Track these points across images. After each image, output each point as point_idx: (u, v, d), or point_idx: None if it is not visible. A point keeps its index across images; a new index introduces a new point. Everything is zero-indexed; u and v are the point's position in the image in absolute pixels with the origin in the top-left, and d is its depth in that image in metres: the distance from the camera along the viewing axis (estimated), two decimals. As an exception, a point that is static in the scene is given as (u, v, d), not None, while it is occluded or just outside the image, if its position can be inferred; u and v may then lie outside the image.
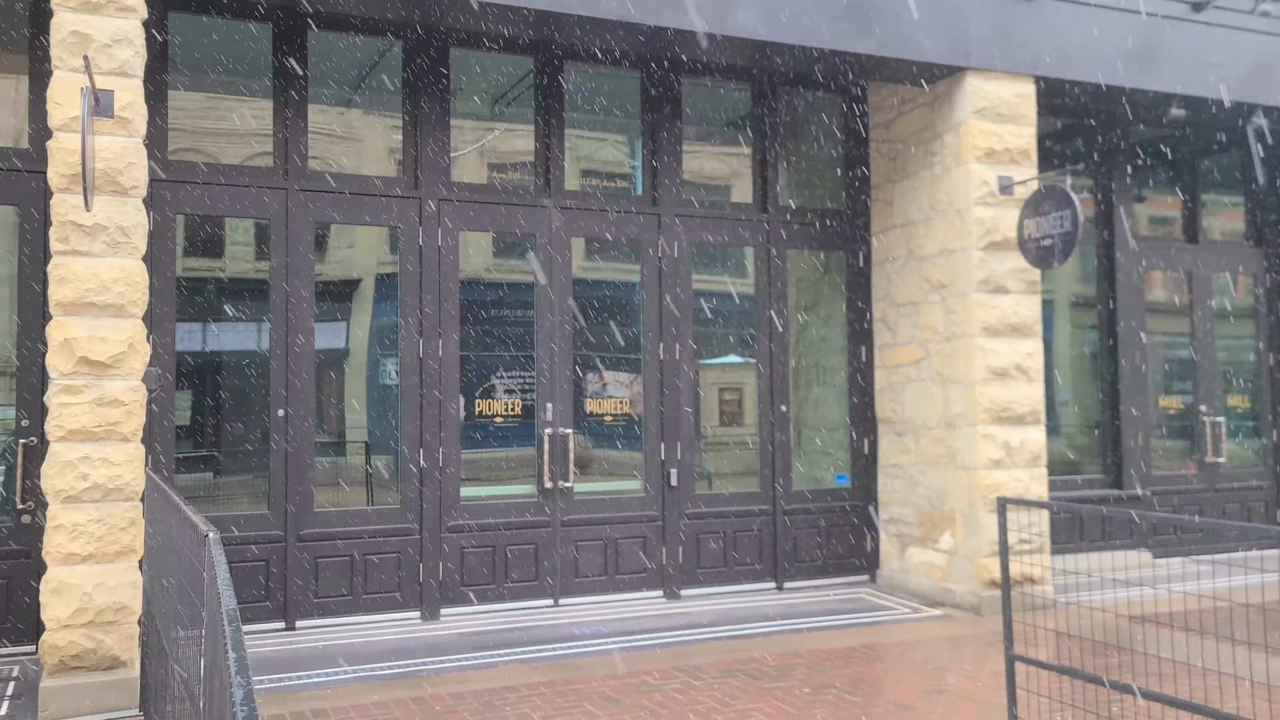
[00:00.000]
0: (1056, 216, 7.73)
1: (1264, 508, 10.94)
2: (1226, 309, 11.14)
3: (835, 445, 9.44)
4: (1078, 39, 8.54)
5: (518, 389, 8.16)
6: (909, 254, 8.84)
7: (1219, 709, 4.16)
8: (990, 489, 8.05)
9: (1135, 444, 10.13)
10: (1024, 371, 8.23)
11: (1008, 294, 8.21)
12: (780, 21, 7.55)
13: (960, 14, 8.12)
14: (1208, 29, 9.02)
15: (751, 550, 8.78)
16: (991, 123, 8.22)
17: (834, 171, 9.51)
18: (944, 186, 8.43)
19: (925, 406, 8.64)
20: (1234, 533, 10.49)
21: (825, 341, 9.56)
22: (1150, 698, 4.43)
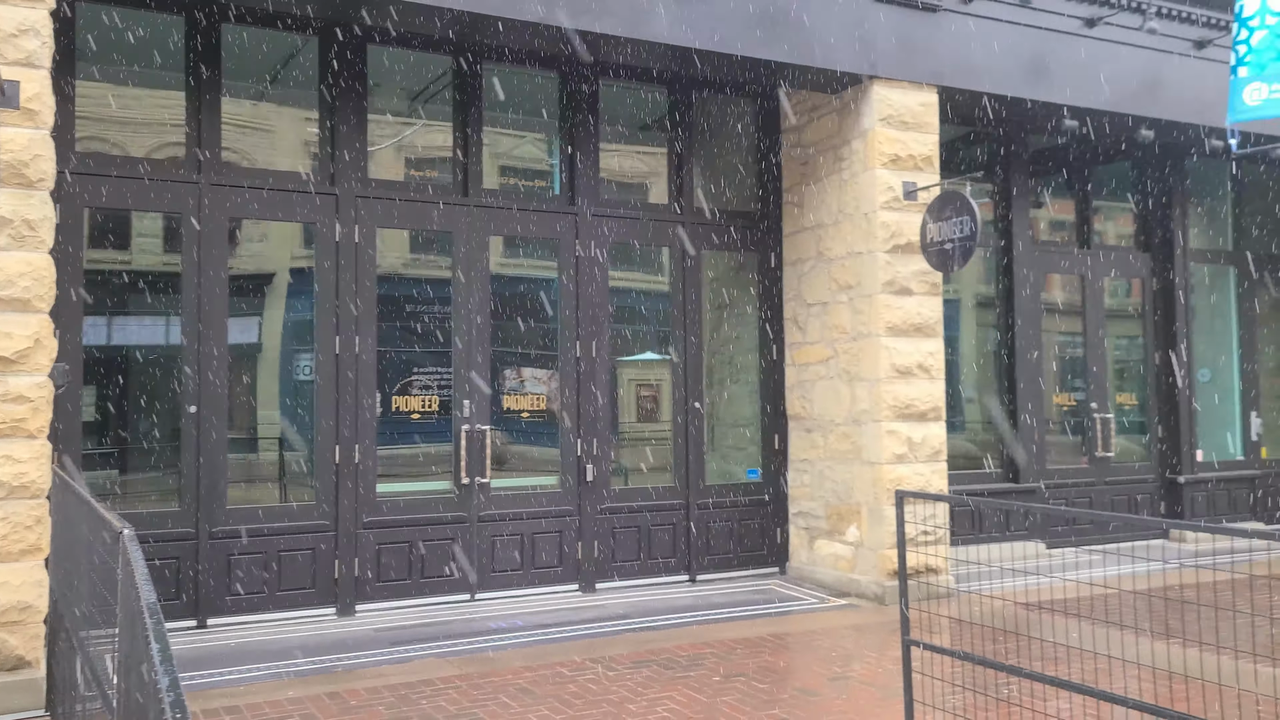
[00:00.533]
0: (957, 221, 8.07)
1: (1149, 500, 11.54)
2: (1116, 311, 11.71)
3: (748, 441, 9.69)
4: (978, 52, 8.90)
5: (435, 385, 8.21)
6: (818, 256, 9.12)
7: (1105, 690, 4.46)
8: (894, 483, 8.37)
9: (1031, 440, 10.59)
10: (926, 370, 8.57)
11: (911, 295, 8.54)
12: (696, 28, 7.73)
13: (867, 26, 8.41)
14: (1099, 44, 9.48)
15: (666, 544, 8.96)
16: (897, 130, 8.54)
17: (748, 175, 9.75)
18: (852, 191, 8.72)
19: (833, 403, 8.93)
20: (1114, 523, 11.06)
21: (739, 340, 9.80)
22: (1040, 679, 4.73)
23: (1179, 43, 9.83)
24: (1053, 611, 8.03)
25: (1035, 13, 9.16)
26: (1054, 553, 10.65)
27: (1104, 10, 9.40)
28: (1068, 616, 8.02)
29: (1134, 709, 4.15)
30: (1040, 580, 9.36)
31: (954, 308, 10.66)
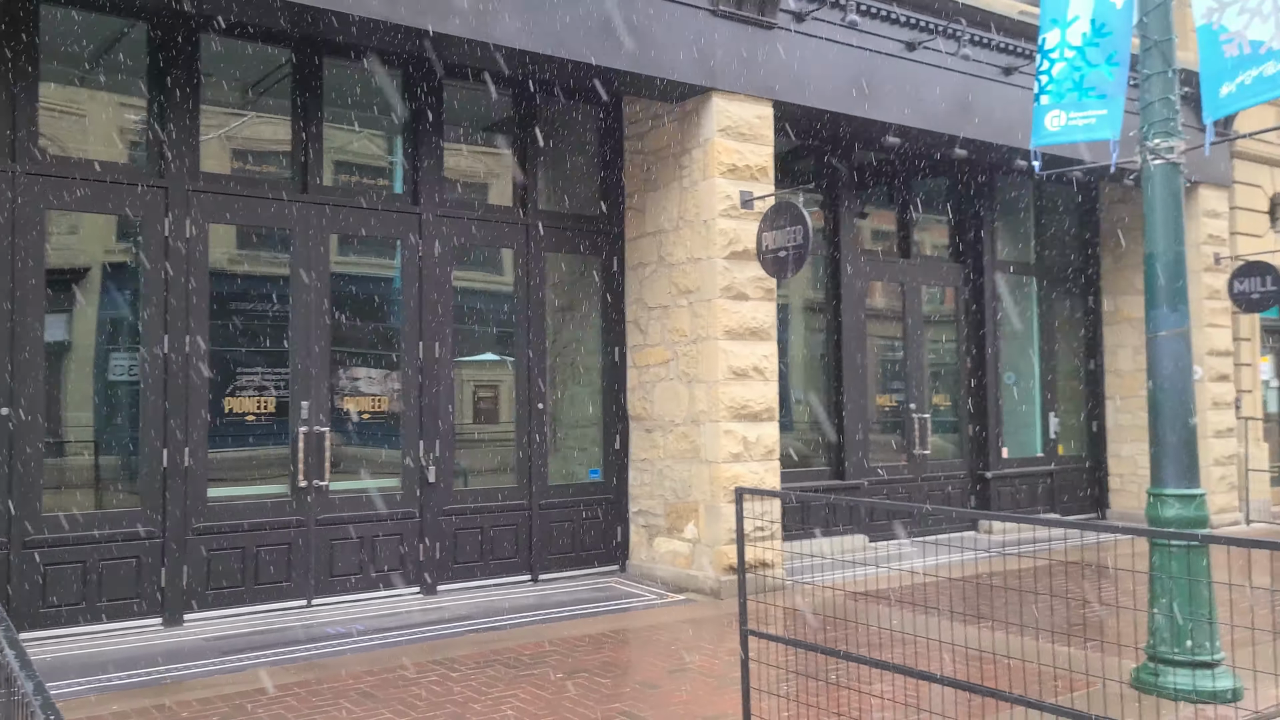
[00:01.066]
0: (790, 230, 8.45)
1: (961, 494, 12.36)
2: (933, 317, 12.49)
3: (590, 441, 9.83)
4: (810, 69, 9.35)
5: (271, 386, 7.98)
6: (660, 260, 9.36)
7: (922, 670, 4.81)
8: (730, 481, 8.69)
9: (856, 439, 11.18)
10: (761, 372, 8.94)
11: (748, 300, 8.89)
12: (540, 34, 7.82)
13: (708, 39, 8.70)
14: (920, 67, 10.11)
15: (508, 544, 9.00)
16: (735, 141, 8.86)
17: (593, 179, 9.90)
18: (692, 198, 9.00)
19: (673, 404, 9.18)
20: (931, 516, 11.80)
21: (582, 342, 9.93)
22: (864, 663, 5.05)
23: (990, 69, 10.59)
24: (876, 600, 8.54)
25: (862, 34, 9.69)
26: (877, 545, 11.27)
27: (923, 35, 10.03)
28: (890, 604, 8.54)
29: (948, 686, 4.50)
30: (865, 571, 9.91)
31: (789, 313, 11.14)
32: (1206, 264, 12.85)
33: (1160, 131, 6.14)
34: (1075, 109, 6.71)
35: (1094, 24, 6.63)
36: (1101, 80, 6.59)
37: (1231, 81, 5.98)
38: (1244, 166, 13.51)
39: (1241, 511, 13.01)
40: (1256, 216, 13.67)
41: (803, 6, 9.26)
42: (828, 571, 9.81)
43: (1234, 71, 5.96)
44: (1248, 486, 13.03)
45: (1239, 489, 13.05)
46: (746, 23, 8.92)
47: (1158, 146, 6.15)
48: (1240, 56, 5.94)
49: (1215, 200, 13.00)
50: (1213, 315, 12.86)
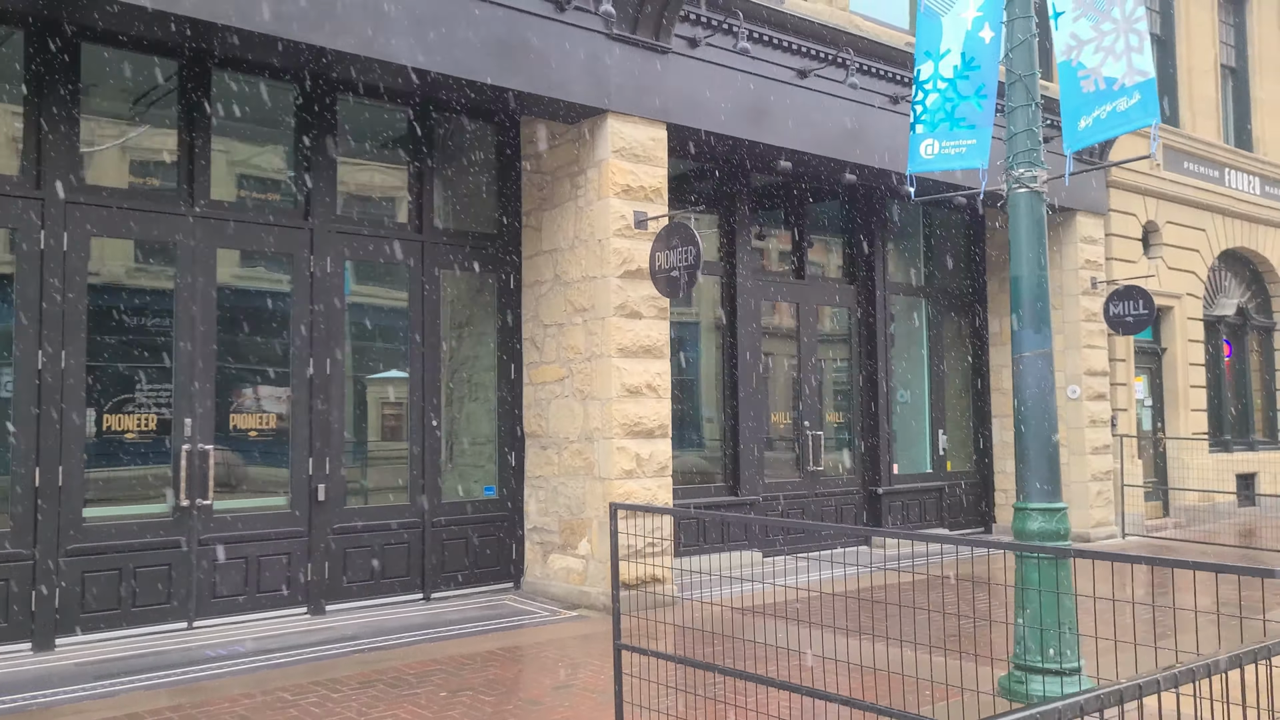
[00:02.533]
0: (683, 250, 8.61)
1: (854, 509, 12.67)
2: (828, 336, 12.81)
3: (487, 459, 9.82)
4: (704, 93, 9.55)
5: (153, 403, 7.79)
6: (556, 278, 9.43)
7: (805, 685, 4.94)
8: (623, 497, 8.77)
9: (751, 455, 11.38)
10: (655, 390, 9.06)
11: (642, 319, 9.01)
12: (436, 52, 7.84)
13: (603, 62, 8.83)
14: (811, 94, 10.42)
15: (400, 563, 8.92)
16: (629, 162, 9.00)
17: (491, 197, 9.92)
18: (587, 218, 9.10)
19: (567, 421, 9.24)
20: (822, 531, 12.06)
21: (479, 359, 9.92)
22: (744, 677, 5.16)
23: (878, 97, 10.96)
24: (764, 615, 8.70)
25: (756, 61, 9.94)
26: (770, 560, 11.47)
27: (814, 64, 10.34)
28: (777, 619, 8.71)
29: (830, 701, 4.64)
30: (756, 586, 10.08)
31: (693, 331, 11.32)
32: (1084, 288, 13.45)
33: (1024, 161, 6.46)
34: (947, 138, 7.01)
35: (964, 58, 6.95)
36: (971, 111, 6.90)
37: (1089, 115, 6.33)
38: (1119, 195, 14.21)
39: (1117, 525, 13.61)
40: (1131, 243, 14.37)
41: (696, 33, 9.47)
42: (720, 587, 9.96)
43: (1090, 106, 6.31)
44: (1123, 501, 13.64)
45: (1115, 504, 13.65)
46: (641, 47, 9.08)
47: (1022, 175, 6.47)
48: (1096, 92, 6.30)
49: (1091, 227, 13.64)
50: (1089, 337, 13.47)
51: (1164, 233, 15.00)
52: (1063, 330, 13.53)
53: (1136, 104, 6.06)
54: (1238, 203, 16.44)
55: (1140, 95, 6.06)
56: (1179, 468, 14.98)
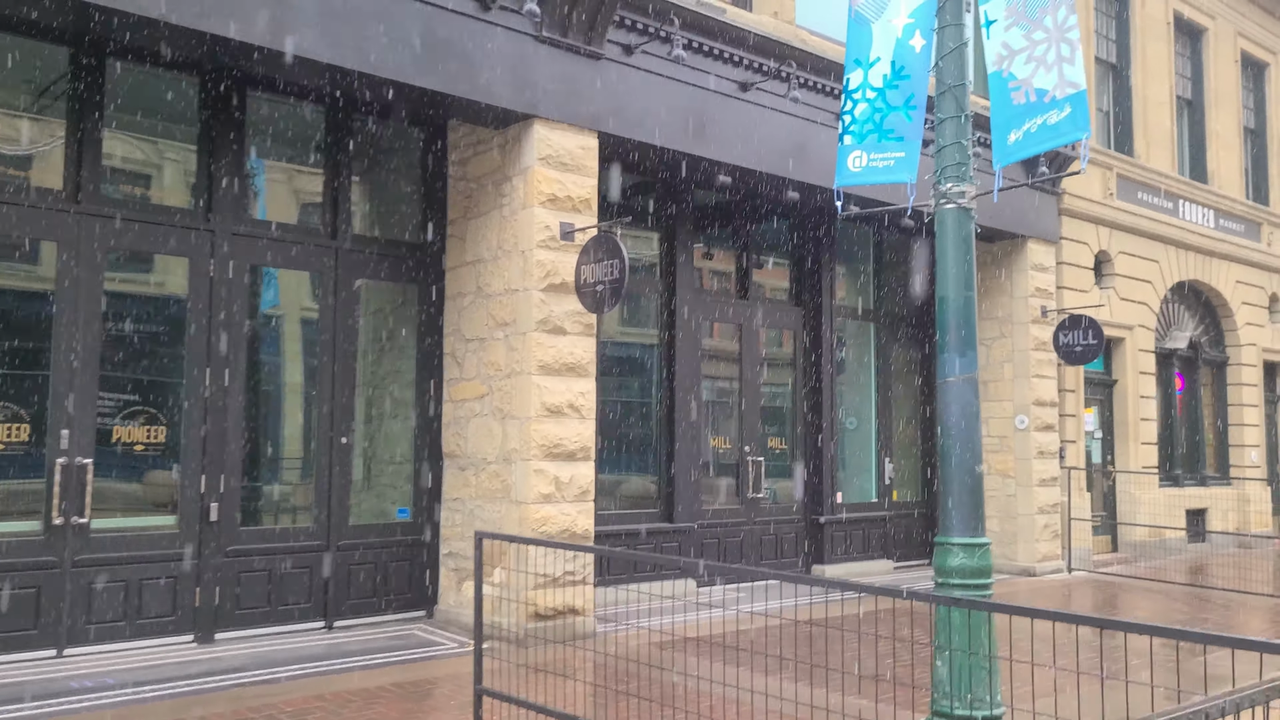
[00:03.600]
0: (607, 264, 8.21)
1: (795, 539, 12.26)
2: (772, 359, 12.44)
3: (404, 479, 9.33)
4: (639, 102, 9.18)
5: (27, 414, 7.25)
6: (478, 291, 8.99)
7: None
8: (539, 523, 8.31)
9: (688, 481, 10.96)
10: (578, 410, 8.62)
11: (565, 335, 8.58)
12: (346, 47, 7.42)
13: (530, 65, 8.44)
14: (754, 108, 10.08)
15: (301, 589, 8.39)
16: (556, 171, 8.60)
17: (414, 204, 9.48)
18: (511, 228, 8.68)
19: (486, 441, 8.77)
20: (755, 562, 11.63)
21: (402, 374, 9.45)
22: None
23: (822, 113, 10.65)
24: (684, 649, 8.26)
25: (695, 72, 9.59)
26: (704, 590, 11.03)
27: (756, 76, 10.01)
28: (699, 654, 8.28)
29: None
30: (685, 618, 9.63)
31: (631, 349, 10.91)
32: (1034, 316, 13.19)
33: (952, 176, 6.11)
34: (876, 150, 6.66)
35: (894, 66, 6.61)
36: (900, 123, 6.56)
37: (1019, 129, 5.99)
38: (1071, 223, 13.99)
39: (1064, 560, 13.29)
40: (1082, 272, 14.15)
41: (632, 40, 9.11)
42: (644, 618, 9.49)
43: (1021, 119, 5.98)
44: (1069, 535, 13.32)
45: (1062, 537, 13.33)
46: (572, 52, 8.70)
47: (949, 190, 6.11)
48: (1027, 104, 5.97)
49: (1043, 254, 13.39)
50: (1039, 366, 13.19)
51: (1116, 263, 14.80)
52: (1012, 359, 13.25)
53: (1067, 117, 5.73)
54: (1191, 235, 16.30)
55: (1071, 108, 5.73)
56: (1129, 502, 14.71)
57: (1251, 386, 17.50)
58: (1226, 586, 12.24)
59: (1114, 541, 14.82)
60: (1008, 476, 13.20)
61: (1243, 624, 9.93)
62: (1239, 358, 17.38)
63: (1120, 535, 14.80)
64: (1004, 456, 13.24)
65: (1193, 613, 10.44)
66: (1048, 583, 12.45)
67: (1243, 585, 12.40)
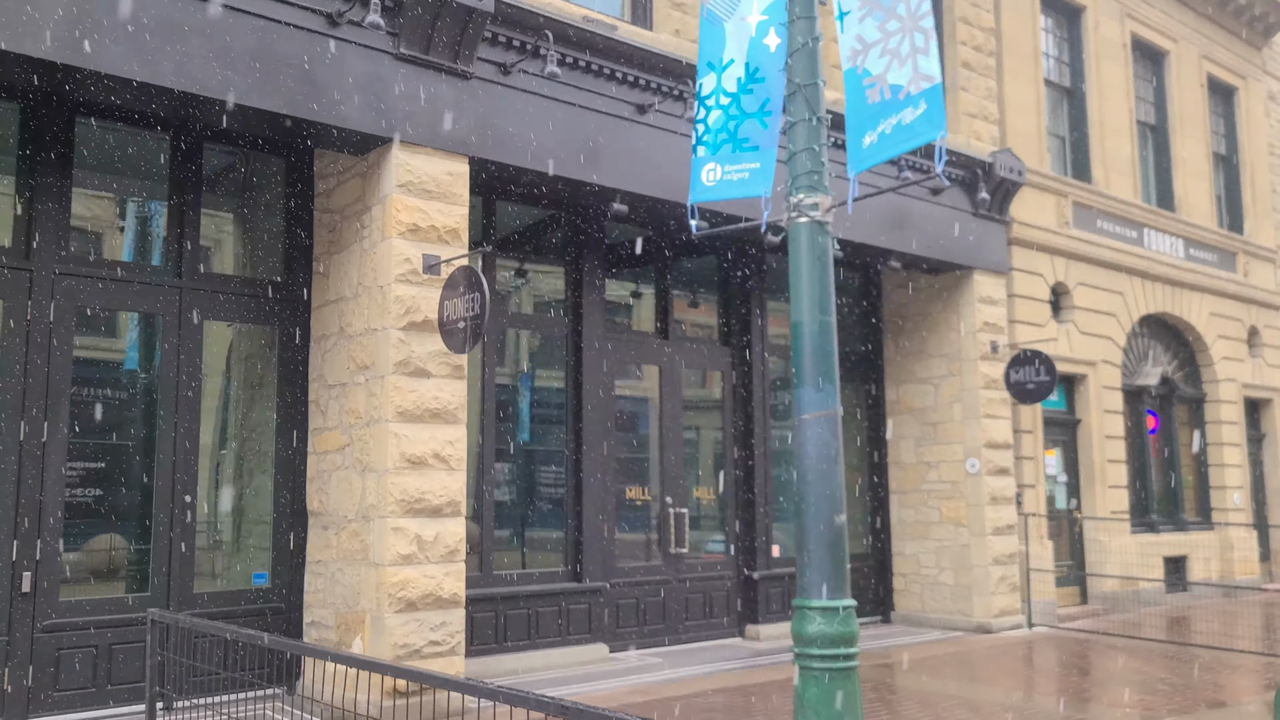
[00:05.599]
0: (468, 299, 7.45)
1: (725, 596, 11.33)
2: (697, 403, 11.62)
3: (266, 539, 8.49)
4: (522, 126, 8.48)
5: None
6: (340, 332, 8.23)
7: None
8: (398, 586, 7.46)
9: (599, 536, 10.09)
10: (444, 460, 7.81)
11: (429, 378, 7.80)
12: (164, 64, 6.73)
13: (386, 85, 7.75)
14: (653, 131, 9.37)
15: (133, 667, 7.53)
16: (418, 198, 7.87)
17: (275, 239, 8.75)
18: (370, 261, 7.94)
19: (346, 497, 7.96)
20: (681, 623, 10.70)
21: (264, 424, 8.66)
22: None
23: (731, 138, 9.91)
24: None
25: (585, 93, 8.91)
26: (618, 656, 10.12)
27: (653, 98, 9.32)
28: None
29: None
30: (588, 687, 8.72)
31: (534, 393, 10.13)
32: (983, 352, 12.36)
33: (805, 185, 5.34)
34: (730, 162, 5.91)
35: (748, 68, 5.89)
36: (755, 131, 5.82)
37: (874, 130, 5.24)
38: (1023, 254, 13.22)
39: (1024, 614, 12.32)
40: (1037, 305, 13.34)
41: (508, 58, 8.44)
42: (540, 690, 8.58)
43: (875, 119, 5.23)
44: (1028, 587, 12.37)
45: (1021, 590, 12.38)
46: (438, 70, 8.02)
47: (801, 203, 5.34)
48: (882, 103, 5.22)
49: (991, 287, 12.60)
50: (990, 406, 12.33)
51: (1075, 295, 13.99)
52: (961, 399, 12.40)
53: (922, 115, 4.98)
54: (1159, 265, 15.50)
55: (927, 104, 4.98)
56: (1097, 550, 13.75)
57: (1232, 424, 16.58)
58: (1208, 643, 11.22)
59: (1083, 593, 13.83)
60: (960, 525, 12.28)
61: (1229, 688, 8.93)
62: (1217, 394, 16.48)
63: (1090, 586, 13.81)
64: (956, 503, 12.34)
65: (1167, 675, 9.47)
66: (1004, 640, 11.48)
67: (1227, 640, 11.39)
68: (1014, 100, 13.45)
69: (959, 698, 8.40)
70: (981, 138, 12.76)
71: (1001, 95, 13.32)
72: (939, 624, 12.34)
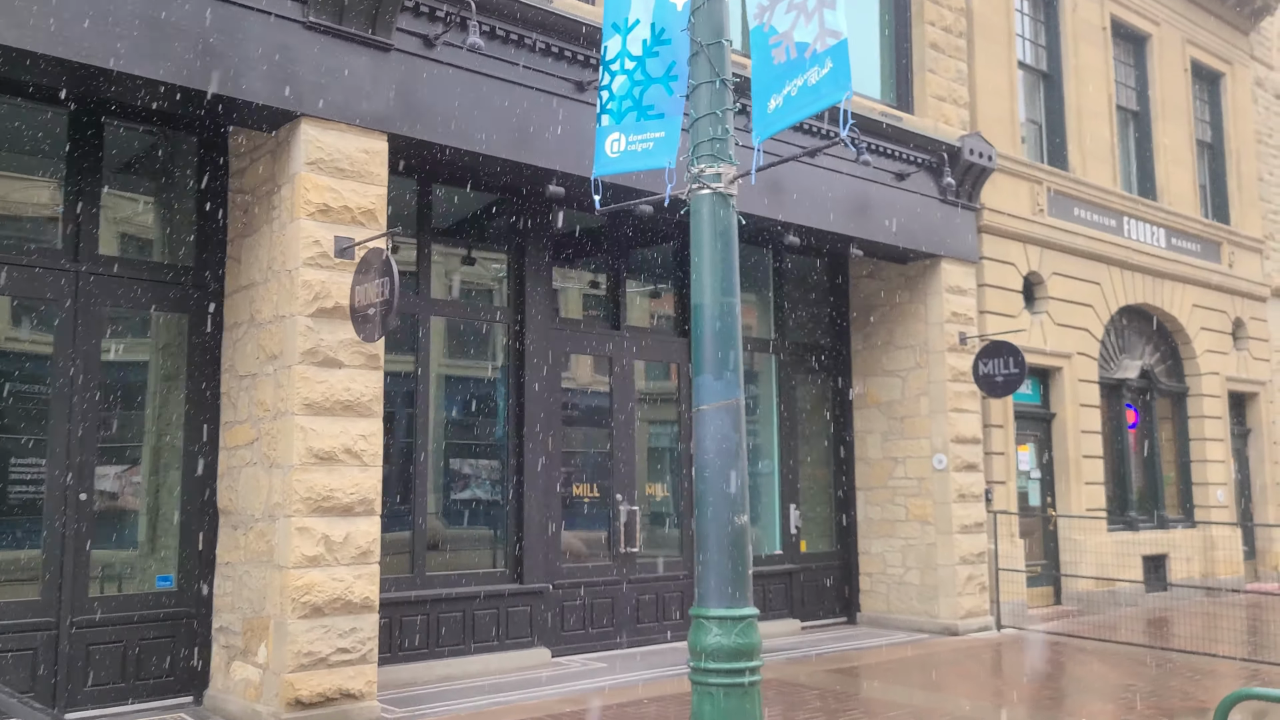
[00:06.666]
0: (379, 283, 6.98)
1: (680, 598, 10.87)
2: (652, 396, 11.16)
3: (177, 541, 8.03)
4: (448, 102, 8.01)
5: None
6: (251, 319, 7.76)
7: None
8: (303, 591, 7.00)
9: (542, 534, 9.63)
10: (356, 455, 7.34)
11: (341, 368, 7.33)
12: (34, 26, 6.25)
13: (295, 56, 7.27)
14: (593, 110, 8.88)
15: (21, 675, 7.07)
16: (331, 177, 7.40)
17: (188, 222, 8.27)
18: (280, 244, 7.47)
19: (254, 495, 7.50)
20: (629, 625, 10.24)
21: (177, 418, 8.18)
22: None
23: (677, 117, 9.44)
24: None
25: (519, 69, 8.44)
26: (561, 661, 9.67)
27: (593, 74, 8.84)
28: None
29: None
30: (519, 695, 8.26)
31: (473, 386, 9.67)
32: (951, 343, 11.88)
33: (708, 154, 4.87)
34: (635, 131, 5.44)
35: (654, 30, 5.41)
36: (661, 97, 5.35)
37: (779, 93, 4.77)
38: (994, 242, 12.73)
39: (993, 615, 11.86)
40: (1009, 295, 12.86)
41: (433, 30, 7.96)
42: (458, 700, 8.13)
43: (781, 81, 4.76)
44: (997, 588, 11.90)
45: (990, 590, 11.92)
46: (352, 41, 7.54)
47: (704, 173, 4.88)
48: (788, 63, 4.74)
49: (960, 276, 12.12)
50: (958, 399, 11.86)
51: (1050, 285, 13.51)
52: (928, 392, 11.93)
53: (828, 74, 4.50)
54: (1139, 255, 15.01)
55: (833, 63, 4.50)
56: (1073, 549, 13.28)
57: (1215, 419, 16.10)
58: (1185, 647, 10.73)
59: (1057, 593, 13.37)
60: (927, 523, 11.82)
61: (1197, 696, 8.45)
62: (1200, 388, 16.00)
63: (1064, 586, 13.35)
64: (922, 501, 11.87)
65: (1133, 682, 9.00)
66: (969, 643, 11.01)
67: (1205, 644, 10.88)
68: (986, 83, 12.96)
69: (908, 706, 7.94)
70: (950, 121, 12.27)
71: (972, 78, 12.83)
72: (905, 625, 11.88)
